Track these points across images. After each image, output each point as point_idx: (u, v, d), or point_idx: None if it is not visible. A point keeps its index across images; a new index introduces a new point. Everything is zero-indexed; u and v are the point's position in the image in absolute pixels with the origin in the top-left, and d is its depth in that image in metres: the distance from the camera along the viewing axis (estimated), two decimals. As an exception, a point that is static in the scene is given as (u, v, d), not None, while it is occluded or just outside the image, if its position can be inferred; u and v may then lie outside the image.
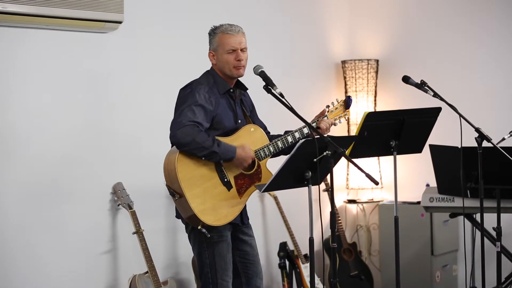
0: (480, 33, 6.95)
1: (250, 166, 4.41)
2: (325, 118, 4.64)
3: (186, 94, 4.34)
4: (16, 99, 4.89)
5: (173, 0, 5.83)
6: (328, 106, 4.71)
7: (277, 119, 4.92)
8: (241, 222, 4.51)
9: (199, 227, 4.25)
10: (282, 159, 4.01)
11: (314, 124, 4.57)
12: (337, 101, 4.77)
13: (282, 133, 4.65)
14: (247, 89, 4.59)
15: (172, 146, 4.31)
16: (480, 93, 6.91)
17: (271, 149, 4.47)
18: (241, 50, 4.42)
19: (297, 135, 4.52)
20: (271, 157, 4.52)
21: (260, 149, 4.44)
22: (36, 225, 4.97)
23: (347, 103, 4.79)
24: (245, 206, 4.50)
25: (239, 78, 4.52)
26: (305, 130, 4.53)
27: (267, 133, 4.69)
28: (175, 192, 4.23)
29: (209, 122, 4.32)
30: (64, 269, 5.11)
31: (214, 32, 4.47)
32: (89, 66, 5.28)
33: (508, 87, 6.82)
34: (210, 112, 4.31)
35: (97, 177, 5.30)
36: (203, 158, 4.23)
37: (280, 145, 4.49)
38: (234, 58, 4.40)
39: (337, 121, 4.74)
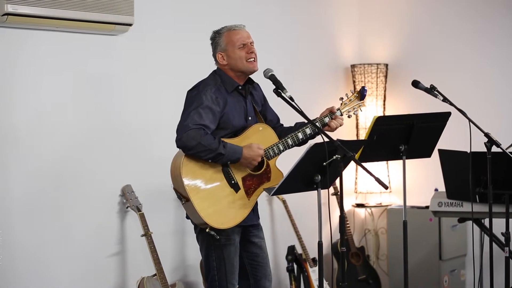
0: (490, 38, 6.93)
1: (259, 166, 4.40)
2: (338, 114, 4.58)
3: (193, 96, 4.34)
4: (25, 100, 4.90)
5: (181, 3, 5.84)
6: (341, 98, 4.67)
7: (286, 121, 4.91)
8: (254, 221, 4.50)
9: (207, 230, 4.25)
10: (293, 159, 4.00)
11: (326, 119, 4.53)
12: (352, 92, 4.71)
13: (293, 125, 4.64)
14: (254, 82, 4.57)
15: (179, 150, 4.32)
16: (489, 98, 6.90)
17: (281, 147, 4.44)
18: (250, 44, 4.43)
19: (308, 131, 4.48)
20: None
21: (269, 148, 4.42)
22: (44, 227, 4.98)
23: (361, 93, 4.71)
24: (257, 205, 4.49)
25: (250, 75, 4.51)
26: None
27: (280, 125, 4.68)
28: (182, 196, 4.23)
29: (217, 123, 4.32)
30: (72, 271, 5.12)
31: (219, 33, 4.47)
32: (99, 68, 5.30)
33: (517, 92, 6.82)
34: (218, 113, 4.30)
35: (105, 179, 5.31)
36: (209, 161, 4.22)
37: (290, 143, 4.45)
38: (246, 51, 4.40)
39: (351, 113, 4.68)
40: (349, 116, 4.66)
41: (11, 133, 4.84)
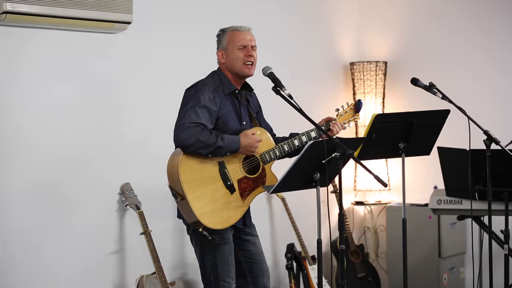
0: (488, 37, 6.94)
1: (255, 169, 4.40)
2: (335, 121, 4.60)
3: (190, 95, 4.34)
4: (24, 100, 4.90)
5: (181, 1, 5.83)
6: (337, 110, 4.69)
7: (284, 121, 4.92)
8: (243, 225, 4.50)
9: (200, 230, 4.25)
10: (288, 162, 4.01)
11: (322, 127, 4.55)
12: (347, 105, 4.73)
13: (288, 136, 4.65)
14: (253, 89, 4.59)
15: (176, 148, 4.32)
16: (488, 95, 6.90)
17: (277, 152, 4.44)
18: (251, 47, 4.43)
19: (304, 138, 4.49)
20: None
21: (266, 153, 4.42)
22: (43, 226, 4.98)
23: (357, 106, 4.73)
24: (249, 208, 4.49)
25: (246, 79, 4.52)
26: (313, 134, 4.49)
27: (273, 135, 4.68)
28: (178, 194, 4.23)
29: (214, 123, 4.31)
30: (72, 269, 5.12)
31: (223, 31, 4.48)
32: (98, 66, 5.29)
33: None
34: (214, 113, 4.30)
35: (105, 177, 5.31)
36: (209, 156, 4.22)
37: (286, 149, 4.46)
38: (244, 54, 4.40)
39: (346, 125, 4.70)
40: (344, 128, 4.66)
41: (10, 132, 4.84)
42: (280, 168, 4.28)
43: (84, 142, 5.22)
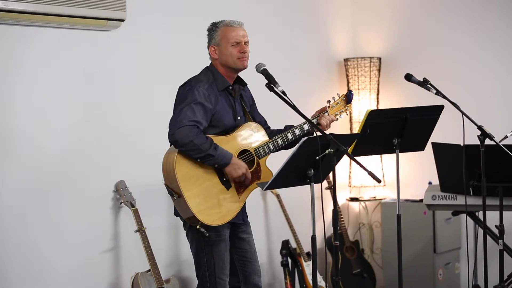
0: (482, 31, 6.93)
1: (250, 164, 4.40)
2: (326, 114, 4.61)
3: (186, 92, 4.33)
4: (18, 97, 4.89)
5: (175, -2, 5.84)
6: (328, 101, 4.69)
7: (278, 115, 4.92)
8: (242, 220, 4.51)
9: (197, 227, 4.24)
10: (283, 157, 4.00)
11: (314, 120, 4.55)
12: (338, 96, 4.74)
13: (282, 128, 4.65)
14: (246, 84, 4.58)
15: (171, 145, 4.31)
16: (482, 91, 6.90)
17: (271, 146, 4.45)
18: (244, 43, 4.43)
19: (297, 132, 4.50)
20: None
21: (260, 147, 4.43)
22: (38, 224, 4.97)
23: (348, 97, 4.74)
24: (245, 204, 4.49)
25: (239, 73, 4.51)
26: (305, 127, 4.51)
27: (267, 128, 4.68)
28: (174, 192, 4.23)
29: (209, 121, 4.31)
30: (66, 267, 5.11)
31: (216, 27, 4.46)
32: (92, 64, 5.28)
33: (510, 85, 6.80)
34: (209, 111, 4.30)
35: (99, 175, 5.30)
36: (198, 160, 4.22)
37: (280, 143, 4.47)
38: (238, 50, 4.40)
39: (338, 116, 4.70)
40: (336, 119, 4.66)
41: (4, 130, 4.83)
42: (275, 162, 4.27)
43: (79, 140, 5.21)
